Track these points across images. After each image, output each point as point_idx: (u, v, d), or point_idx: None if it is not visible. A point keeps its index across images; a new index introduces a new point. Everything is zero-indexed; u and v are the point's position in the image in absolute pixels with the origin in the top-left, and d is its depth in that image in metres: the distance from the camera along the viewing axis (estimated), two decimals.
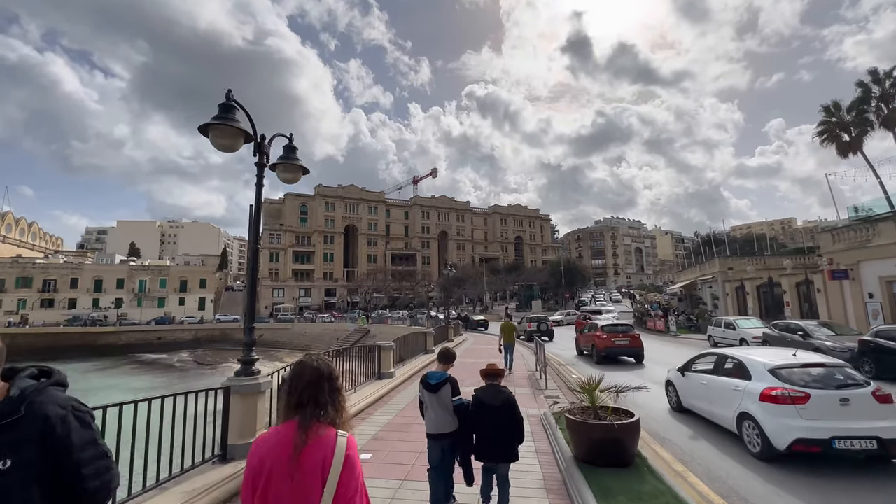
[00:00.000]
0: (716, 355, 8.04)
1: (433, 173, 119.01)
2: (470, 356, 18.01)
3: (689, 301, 35.52)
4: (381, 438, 6.37)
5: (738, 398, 6.51)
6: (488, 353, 18.66)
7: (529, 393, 9.72)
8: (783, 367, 6.28)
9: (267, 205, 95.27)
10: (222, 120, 4.59)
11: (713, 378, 7.50)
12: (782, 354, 6.93)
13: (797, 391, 5.81)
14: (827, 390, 5.85)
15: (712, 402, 7.33)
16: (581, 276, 65.39)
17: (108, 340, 58.17)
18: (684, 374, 8.40)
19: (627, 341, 15.62)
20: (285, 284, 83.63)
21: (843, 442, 5.35)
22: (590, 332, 17.55)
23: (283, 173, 5.88)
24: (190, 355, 52.54)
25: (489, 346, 21.97)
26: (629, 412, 5.09)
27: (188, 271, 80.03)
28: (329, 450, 1.50)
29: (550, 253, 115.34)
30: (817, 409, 5.64)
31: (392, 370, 10.35)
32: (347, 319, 60.81)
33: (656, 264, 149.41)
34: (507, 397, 3.87)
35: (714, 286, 29.62)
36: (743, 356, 7.08)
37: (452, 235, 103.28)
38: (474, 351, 20.06)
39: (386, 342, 10.48)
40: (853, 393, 5.77)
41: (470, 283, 72.20)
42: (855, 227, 17.11)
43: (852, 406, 5.65)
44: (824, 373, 6.18)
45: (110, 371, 42.89)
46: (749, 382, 6.43)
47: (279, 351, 53.63)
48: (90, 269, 73.05)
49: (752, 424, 6.10)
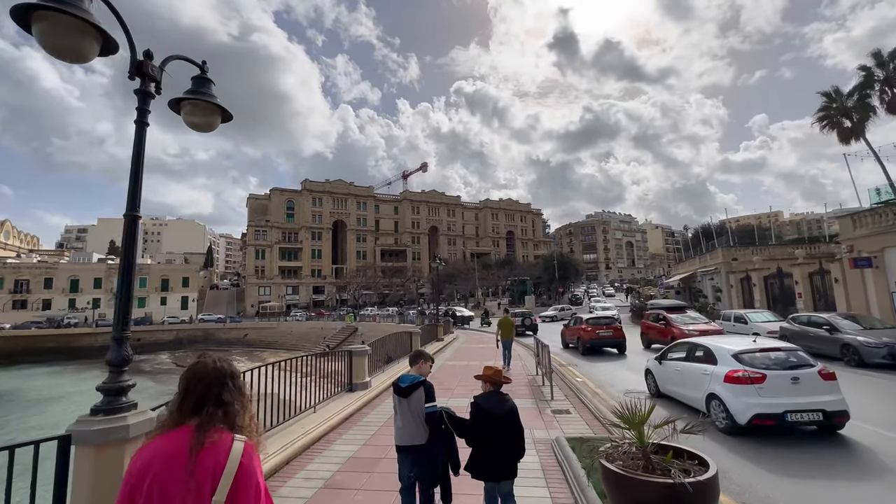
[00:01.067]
0: (688, 344, 8.67)
1: (423, 168, 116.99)
2: (462, 357, 16.34)
3: (687, 294, 34.25)
4: (337, 486, 4.59)
5: (707, 381, 7.27)
6: (482, 353, 17.00)
7: (532, 405, 8.05)
8: (745, 352, 7.02)
9: (252, 200, 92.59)
10: None
11: (686, 364, 8.22)
12: (744, 341, 7.68)
13: (756, 372, 6.55)
14: (781, 371, 6.60)
15: (685, 385, 8.11)
16: (574, 270, 63.92)
17: (84, 342, 55.52)
18: (661, 362, 9.08)
19: (611, 333, 16.34)
20: (272, 282, 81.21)
21: (795, 415, 6.16)
22: (575, 325, 18.20)
23: (191, 116, 4.11)
24: (170, 357, 50.30)
25: (483, 345, 20.29)
26: (699, 457, 3.38)
27: (170, 270, 77.24)
28: (222, 456, 1.37)
29: (542, 247, 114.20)
30: (773, 388, 6.40)
31: (367, 379, 8.60)
32: (335, 317, 58.89)
33: (647, 258, 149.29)
34: (512, 407, 3.51)
35: (716, 278, 28.30)
36: (711, 344, 7.84)
37: (443, 230, 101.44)
38: (467, 351, 18.38)
39: (359, 346, 8.70)
40: (802, 372, 6.54)
41: (461, 279, 70.56)
42: (879, 211, 15.72)
43: (802, 384, 6.41)
44: (779, 356, 6.94)
45: (83, 374, 40.57)
46: (716, 367, 7.19)
47: (264, 351, 51.58)
48: (65, 269, 69.96)
49: (718, 403, 6.88)
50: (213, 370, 1.54)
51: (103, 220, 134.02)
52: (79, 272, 70.56)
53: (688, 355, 8.30)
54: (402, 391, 3.49)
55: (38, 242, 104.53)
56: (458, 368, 12.78)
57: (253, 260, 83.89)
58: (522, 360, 14.60)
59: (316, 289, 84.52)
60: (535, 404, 8.10)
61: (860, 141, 32.91)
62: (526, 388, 9.56)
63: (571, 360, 14.85)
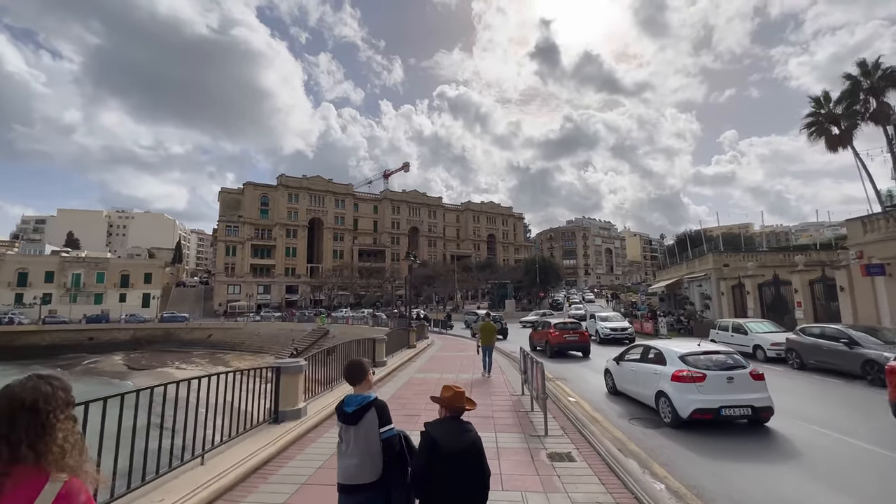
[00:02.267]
0: (642, 346, 9.35)
1: (405, 168, 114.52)
2: (435, 368, 14.25)
3: (672, 301, 33.04)
4: None
5: (657, 380, 7.94)
6: (459, 363, 14.94)
7: (521, 443, 6.02)
8: (690, 354, 7.75)
9: (225, 194, 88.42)
10: None
11: (640, 365, 8.91)
12: (690, 345, 8.34)
13: (698, 372, 7.33)
14: (719, 371, 7.40)
15: (639, 384, 8.75)
16: (556, 274, 62.31)
17: (28, 341, 51.01)
18: (619, 362, 9.87)
19: (577, 337, 17.41)
20: (242, 280, 77.30)
21: (728, 410, 7.04)
22: (543, 329, 19.05)
23: None
24: (123, 359, 46.42)
25: (461, 353, 18.18)
26: None
27: (130, 265, 72.58)
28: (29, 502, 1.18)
29: (523, 252, 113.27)
30: (711, 386, 7.22)
31: (300, 405, 6.37)
32: (304, 318, 55.99)
33: (626, 265, 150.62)
34: (474, 441, 2.73)
35: (705, 284, 27.05)
36: (662, 347, 8.55)
37: (424, 232, 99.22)
38: (440, 361, 16.26)
39: (290, 362, 6.48)
40: (736, 373, 7.37)
41: (440, 281, 68.45)
42: (893, 215, 14.45)
43: (735, 383, 7.26)
44: (718, 358, 7.70)
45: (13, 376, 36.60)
46: (665, 367, 7.87)
47: (228, 353, 48.28)
48: (12, 260, 64.67)
49: (665, 400, 7.57)
50: (7, 399, 1.32)
51: (63, 210, 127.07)
52: (28, 264, 65.38)
53: (642, 356, 9.00)
54: (350, 417, 2.84)
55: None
56: (429, 384, 10.70)
57: (223, 257, 79.84)
58: (504, 373, 12.62)
59: (289, 288, 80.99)
60: (524, 442, 6.05)
61: (847, 149, 32.45)
62: (510, 415, 7.53)
63: (563, 378, 13.14)
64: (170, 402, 4.42)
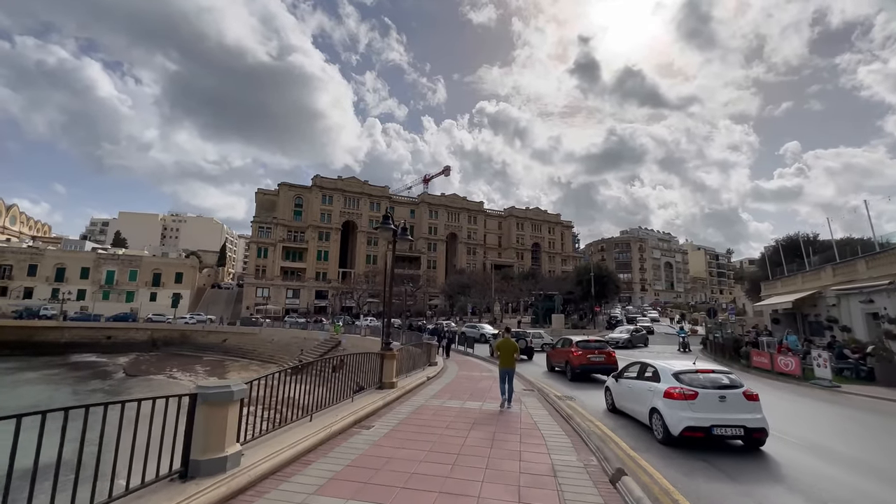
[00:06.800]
0: (640, 363, 9.30)
1: (446, 172, 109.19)
2: (427, 422, 7.47)
3: (801, 322, 23.92)
4: None
5: (651, 397, 8.04)
6: (470, 419, 8.11)
7: None
8: (683, 372, 7.86)
9: (261, 195, 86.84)
10: None
11: (636, 382, 9.01)
12: (685, 364, 8.33)
13: (690, 390, 7.37)
14: (711, 389, 7.40)
15: (634, 401, 8.88)
16: (614, 286, 52.76)
17: (48, 337, 49.54)
18: (618, 380, 9.89)
19: (602, 358, 15.36)
20: (271, 283, 74.27)
21: (720, 429, 6.97)
22: (563, 347, 17.30)
23: None
24: (130, 360, 43.20)
25: (480, 380, 11.31)
26: None
27: (162, 263, 71.51)
28: None
29: (570, 263, 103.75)
30: (703, 404, 7.20)
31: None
32: (327, 326, 50.90)
33: (688, 281, 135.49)
34: None
35: (879, 299, 18.24)
36: (658, 364, 8.58)
37: (462, 238, 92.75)
38: (454, 390, 9.44)
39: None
40: (729, 392, 7.36)
41: (477, 290, 61.28)
42: None
43: (728, 402, 7.24)
44: (711, 377, 7.72)
45: (22, 374, 33.78)
46: (658, 384, 8.01)
47: (238, 361, 43.83)
48: (52, 256, 65.04)
49: (658, 417, 7.63)
50: None
51: (124, 213, 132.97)
52: (66, 260, 65.59)
53: (639, 374, 9.00)
54: None
55: (49, 230, 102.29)
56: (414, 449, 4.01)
57: (254, 258, 77.55)
58: (526, 408, 8.87)
59: (319, 293, 77.12)
60: None
61: None
62: None
63: (560, 388, 11.55)
64: None
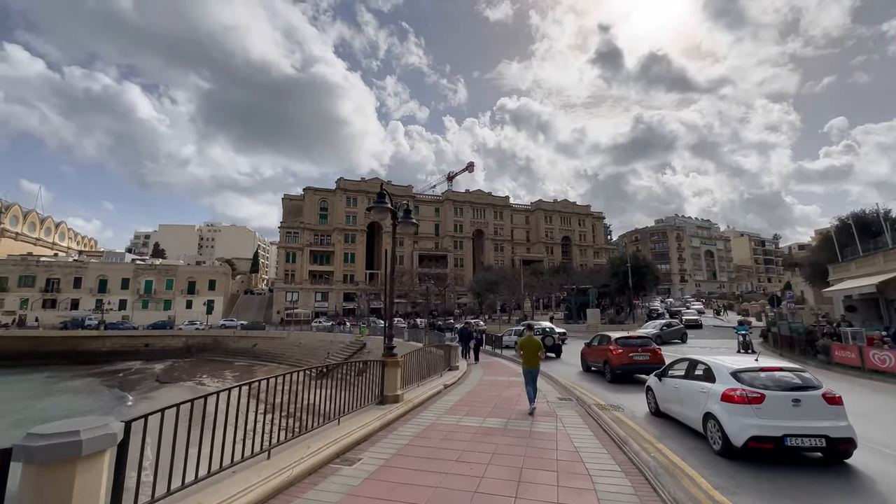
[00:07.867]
0: (688, 360, 8.12)
1: (469, 168, 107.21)
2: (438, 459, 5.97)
3: (886, 310, 20.58)
4: None
5: (704, 399, 6.84)
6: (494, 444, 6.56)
7: None
8: (744, 370, 6.57)
9: (287, 201, 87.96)
10: None
11: (684, 382, 7.75)
12: (745, 360, 7.16)
13: (754, 392, 6.09)
14: (781, 392, 6.08)
15: (683, 404, 7.65)
16: (653, 277, 49.11)
17: (90, 346, 51.35)
18: (661, 379, 8.64)
19: (647, 357, 13.40)
20: (300, 288, 74.91)
21: (795, 440, 5.67)
22: (600, 344, 15.28)
23: None
24: (165, 367, 44.01)
25: (506, 387, 9.75)
26: None
27: (197, 271, 73.43)
28: None
29: (603, 255, 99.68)
30: (772, 409, 5.93)
31: None
32: (357, 327, 50.40)
33: (731, 270, 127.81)
34: None
35: None
36: (711, 361, 7.36)
37: (489, 234, 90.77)
38: (474, 401, 7.98)
39: None
40: (804, 395, 6.03)
41: (506, 287, 59.27)
42: None
43: (803, 406, 5.91)
44: (780, 376, 6.39)
45: (62, 384, 34.81)
46: (714, 385, 6.77)
47: (266, 365, 43.85)
48: (94, 268, 67.95)
49: (714, 423, 6.41)
50: None
51: (164, 225, 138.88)
52: (107, 272, 68.36)
53: (687, 372, 7.88)
54: None
55: (95, 245, 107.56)
56: None
57: (283, 264, 78.53)
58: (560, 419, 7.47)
59: (347, 296, 77.14)
60: None
61: None
62: None
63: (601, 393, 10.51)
64: None
